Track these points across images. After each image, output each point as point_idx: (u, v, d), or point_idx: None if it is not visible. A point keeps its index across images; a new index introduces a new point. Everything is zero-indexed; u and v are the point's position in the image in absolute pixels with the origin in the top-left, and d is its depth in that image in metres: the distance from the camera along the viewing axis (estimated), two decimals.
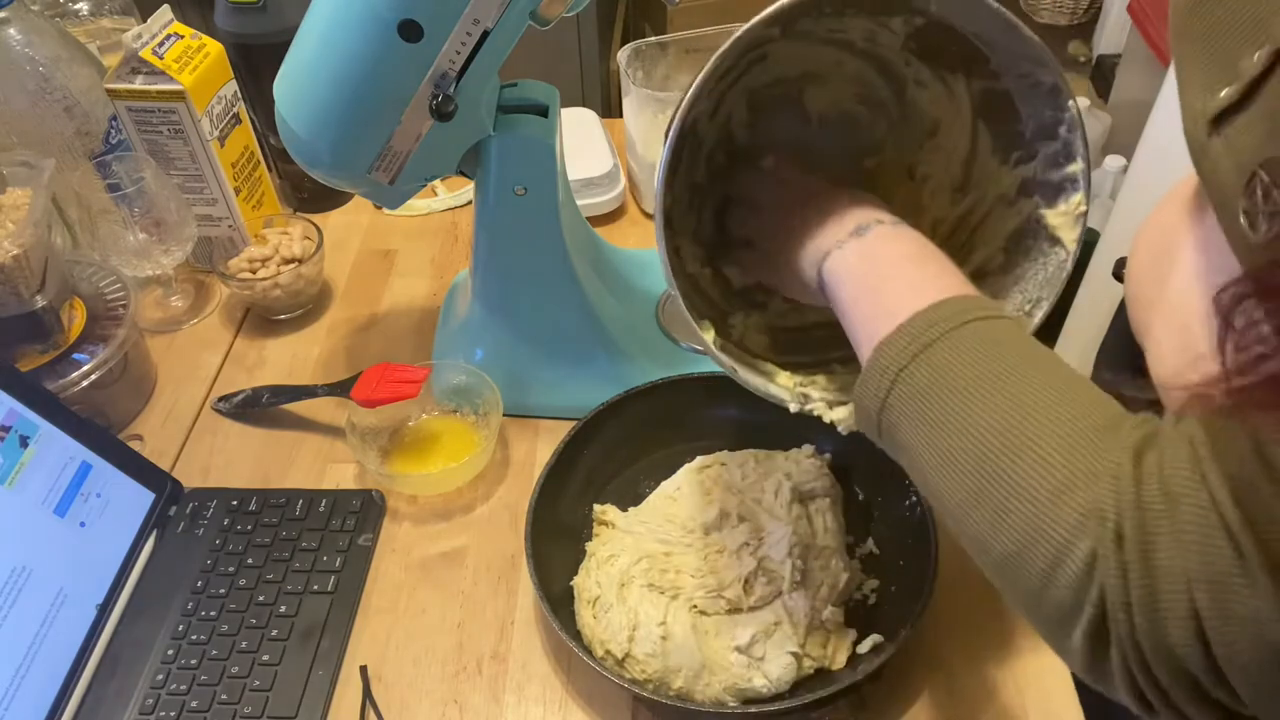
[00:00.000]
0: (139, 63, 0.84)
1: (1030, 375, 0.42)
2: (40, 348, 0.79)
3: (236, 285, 0.90)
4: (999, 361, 0.43)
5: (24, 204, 0.77)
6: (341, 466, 0.80)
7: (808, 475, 0.71)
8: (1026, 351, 0.44)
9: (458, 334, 0.85)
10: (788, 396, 0.60)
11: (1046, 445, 0.39)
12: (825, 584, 0.66)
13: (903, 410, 0.45)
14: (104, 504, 0.70)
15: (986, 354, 0.43)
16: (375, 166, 0.69)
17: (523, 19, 0.63)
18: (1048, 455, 0.39)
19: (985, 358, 0.43)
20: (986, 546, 0.41)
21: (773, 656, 0.62)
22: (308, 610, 0.69)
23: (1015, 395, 0.41)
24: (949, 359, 0.44)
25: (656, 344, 0.86)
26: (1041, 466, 0.39)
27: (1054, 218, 0.57)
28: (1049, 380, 0.42)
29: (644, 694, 0.60)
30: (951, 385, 0.43)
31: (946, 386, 0.43)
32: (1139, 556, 0.35)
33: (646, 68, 1.03)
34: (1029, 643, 0.66)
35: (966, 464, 0.41)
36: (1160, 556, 0.34)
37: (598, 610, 0.65)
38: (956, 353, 0.44)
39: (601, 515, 0.72)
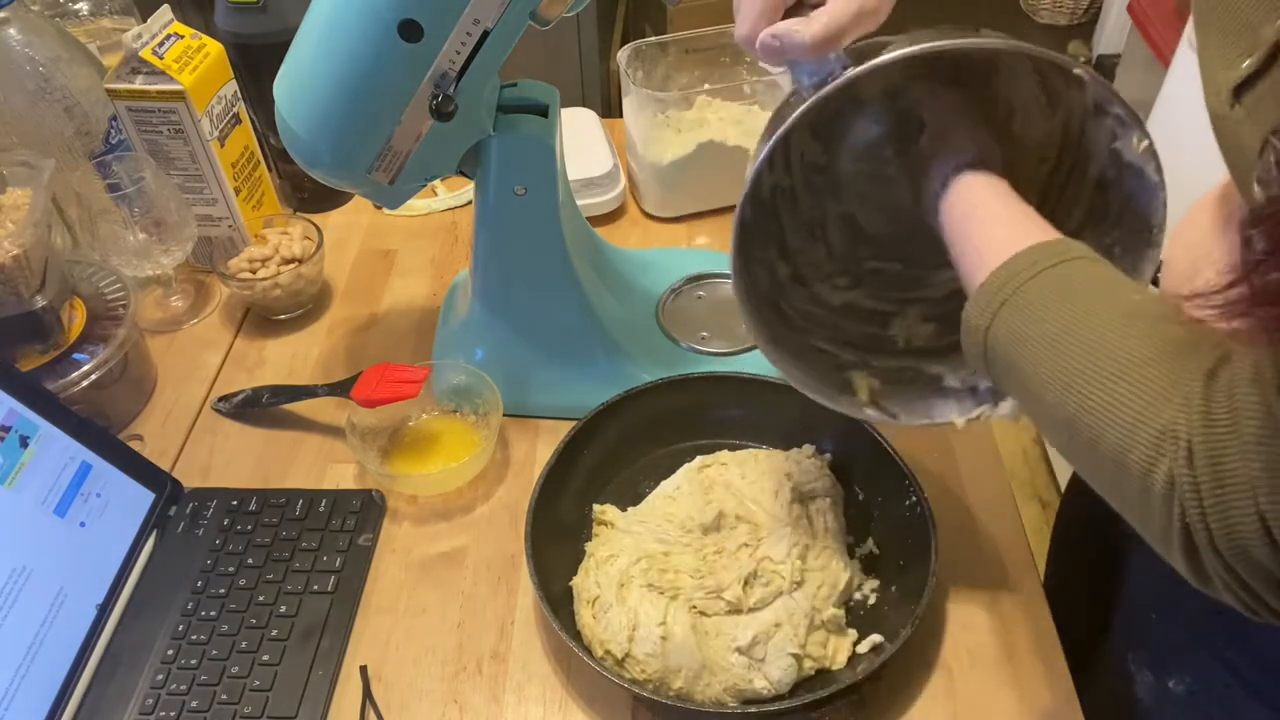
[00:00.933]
0: (139, 63, 0.84)
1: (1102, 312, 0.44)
2: (40, 348, 0.79)
3: (236, 285, 0.90)
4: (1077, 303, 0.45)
5: (24, 204, 0.77)
6: (341, 466, 0.80)
7: (808, 475, 0.71)
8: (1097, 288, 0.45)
9: (458, 334, 0.85)
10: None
11: (1118, 379, 0.41)
12: (826, 584, 0.66)
13: (998, 363, 0.47)
14: (104, 504, 0.70)
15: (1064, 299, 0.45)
16: (375, 166, 0.69)
17: (523, 19, 0.63)
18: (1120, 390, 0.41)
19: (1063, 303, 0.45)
20: (1093, 472, 0.44)
21: (773, 658, 0.62)
22: (308, 610, 0.69)
23: (1087, 336, 0.43)
24: (1026, 313, 0.46)
25: (656, 344, 0.86)
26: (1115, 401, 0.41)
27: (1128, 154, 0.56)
28: (1120, 312, 0.44)
29: (644, 694, 0.60)
30: (1040, 320, 0.45)
31: (1037, 323, 0.45)
32: (1209, 470, 0.37)
33: (646, 68, 1.03)
34: (1029, 643, 0.66)
35: (1054, 408, 0.44)
36: (1229, 468, 0.37)
37: (597, 610, 0.65)
38: (1034, 304, 0.46)
39: (601, 515, 0.72)
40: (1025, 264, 0.46)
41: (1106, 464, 0.42)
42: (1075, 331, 0.44)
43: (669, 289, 0.90)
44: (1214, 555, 0.38)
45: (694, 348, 0.85)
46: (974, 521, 0.73)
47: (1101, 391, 0.41)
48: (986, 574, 0.70)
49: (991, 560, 0.71)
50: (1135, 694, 0.66)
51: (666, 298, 0.89)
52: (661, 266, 0.92)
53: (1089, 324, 0.44)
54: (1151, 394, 0.40)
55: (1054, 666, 0.64)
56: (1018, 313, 0.46)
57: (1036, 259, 0.46)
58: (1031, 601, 0.68)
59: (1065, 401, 0.43)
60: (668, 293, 0.90)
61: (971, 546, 0.72)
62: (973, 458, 0.78)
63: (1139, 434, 0.40)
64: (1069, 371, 0.43)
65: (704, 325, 0.87)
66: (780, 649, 0.62)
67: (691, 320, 0.88)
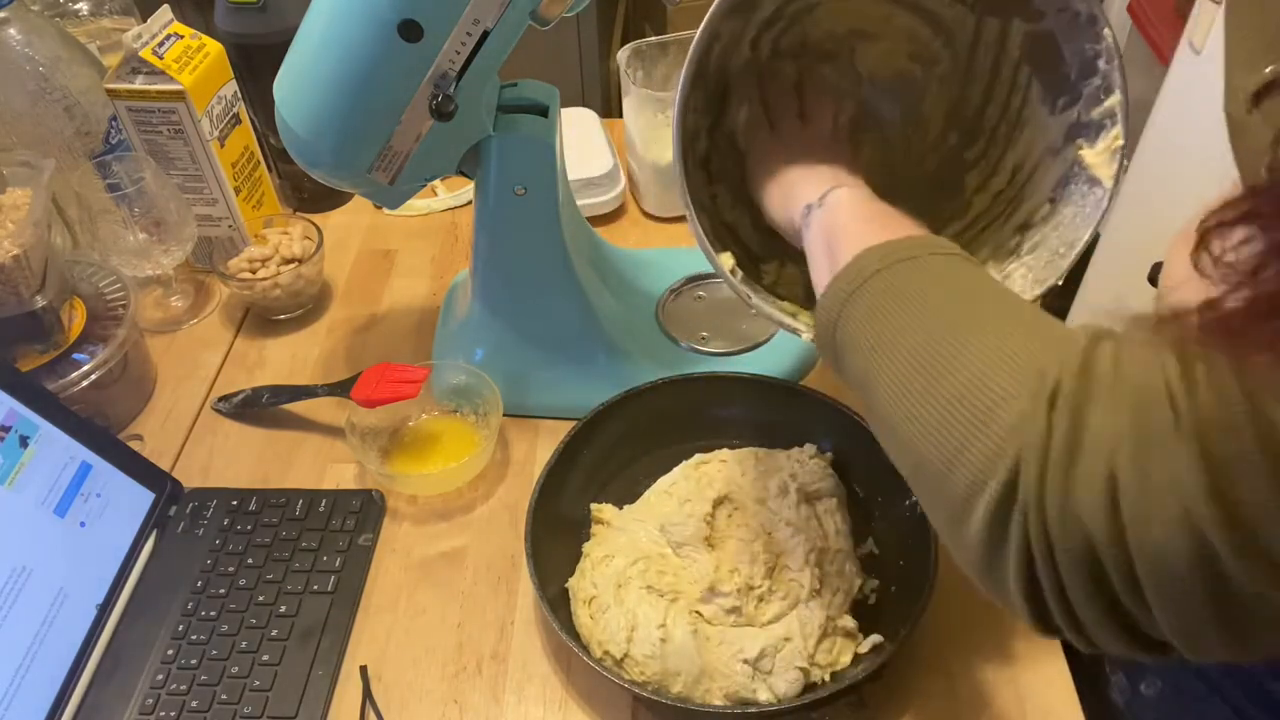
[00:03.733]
0: (139, 63, 0.84)
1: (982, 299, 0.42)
2: (40, 348, 0.79)
3: (236, 285, 0.90)
4: (948, 286, 0.43)
5: (24, 204, 0.77)
6: (341, 466, 0.80)
7: (813, 475, 0.71)
8: (979, 281, 0.44)
9: (458, 334, 0.85)
10: (803, 329, 0.60)
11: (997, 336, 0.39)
12: (841, 590, 0.66)
13: (843, 344, 0.47)
14: (104, 504, 0.70)
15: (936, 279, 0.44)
16: (375, 166, 0.69)
17: (523, 19, 0.63)
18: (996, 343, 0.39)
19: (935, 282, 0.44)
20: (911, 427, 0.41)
21: (781, 670, 0.62)
22: (308, 610, 0.69)
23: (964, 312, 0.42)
24: (898, 282, 0.45)
25: (656, 344, 0.86)
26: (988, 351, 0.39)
27: (1092, 157, 0.56)
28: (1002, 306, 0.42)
29: (644, 694, 0.60)
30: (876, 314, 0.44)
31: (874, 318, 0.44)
32: (1069, 415, 0.34)
33: (646, 68, 1.03)
34: (1029, 643, 0.66)
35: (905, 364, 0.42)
36: (1092, 418, 0.34)
37: (595, 611, 0.65)
38: (905, 278, 0.45)
39: (598, 514, 0.72)
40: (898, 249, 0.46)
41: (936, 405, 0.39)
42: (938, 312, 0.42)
43: (669, 289, 0.90)
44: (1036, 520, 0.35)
45: (694, 348, 0.85)
46: None
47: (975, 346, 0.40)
48: None
49: None
50: (1110, 696, 0.66)
51: (666, 298, 0.89)
52: (661, 266, 0.92)
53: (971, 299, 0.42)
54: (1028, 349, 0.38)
55: (1054, 666, 0.64)
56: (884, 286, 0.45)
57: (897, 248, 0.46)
58: None
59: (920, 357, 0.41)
60: (668, 293, 0.90)
61: None
62: None
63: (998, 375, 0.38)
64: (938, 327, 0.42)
65: (704, 325, 0.87)
66: (789, 662, 0.62)
67: (691, 320, 0.88)
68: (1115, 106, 0.54)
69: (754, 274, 0.65)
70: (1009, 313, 0.41)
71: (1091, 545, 0.33)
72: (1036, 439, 0.35)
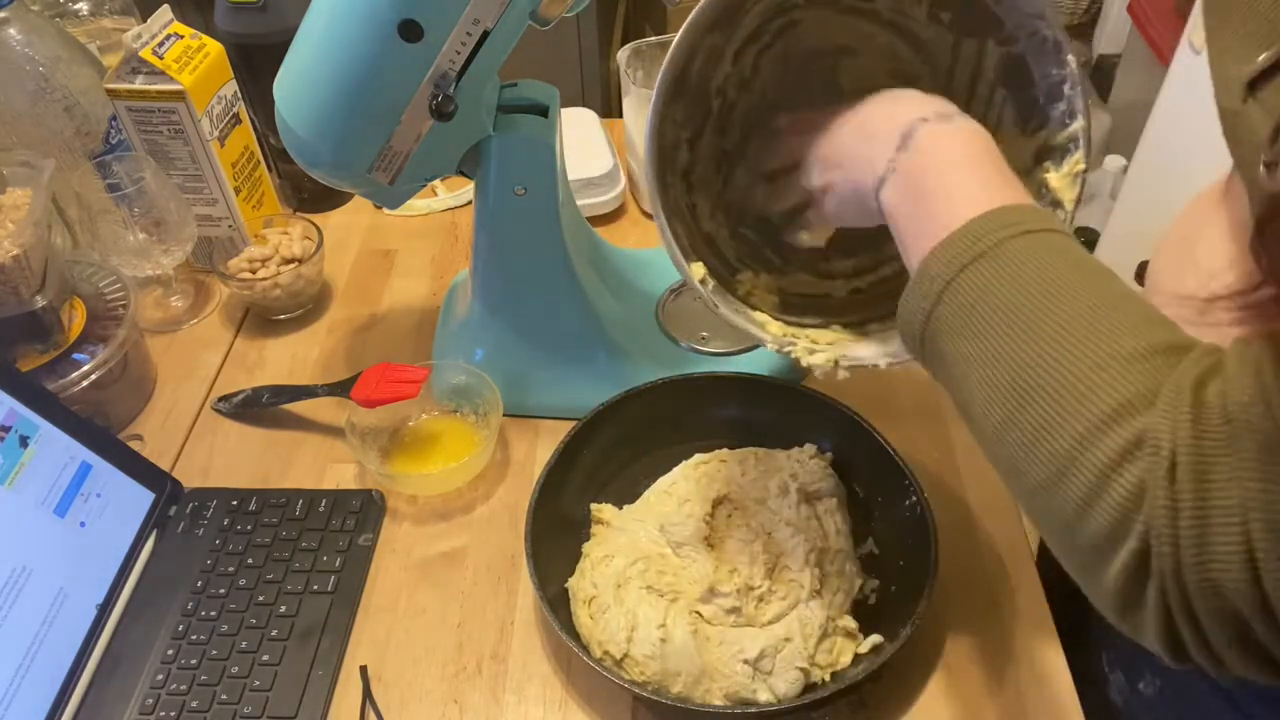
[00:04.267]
0: (139, 63, 0.84)
1: (1084, 293, 0.40)
2: (40, 348, 0.79)
3: (236, 285, 0.90)
4: (1050, 276, 0.40)
5: (24, 204, 0.77)
6: (341, 466, 0.80)
7: (813, 476, 0.71)
8: (1082, 267, 0.41)
9: (458, 334, 0.85)
10: (768, 339, 0.61)
11: (1096, 367, 0.37)
12: (842, 590, 0.66)
13: (947, 323, 0.43)
14: (104, 504, 0.70)
15: (1038, 268, 0.41)
16: (375, 166, 0.69)
17: (523, 19, 0.63)
18: (1097, 378, 0.37)
19: (1036, 271, 0.41)
20: (1020, 472, 0.39)
21: (781, 671, 0.62)
22: (308, 610, 0.69)
23: (1066, 312, 0.39)
24: (997, 272, 0.41)
25: (656, 344, 0.86)
26: (1088, 389, 0.37)
27: (1055, 181, 0.57)
28: (1105, 299, 0.39)
29: (644, 694, 0.60)
30: (998, 299, 0.41)
31: (993, 300, 0.41)
32: (1193, 487, 0.33)
33: (646, 68, 1.03)
34: (1029, 643, 0.66)
35: (1008, 379, 0.39)
36: (1217, 487, 0.33)
37: (594, 611, 0.65)
38: (1005, 265, 0.41)
39: (598, 514, 0.72)
40: (1010, 220, 0.43)
41: (1047, 459, 0.38)
42: (1054, 302, 0.39)
43: (669, 289, 0.90)
44: (1174, 586, 0.34)
45: (694, 348, 0.85)
46: (974, 521, 0.73)
47: (1074, 376, 0.37)
48: (986, 574, 0.70)
49: (991, 560, 0.71)
50: (1109, 695, 0.66)
51: (666, 298, 0.89)
52: (661, 266, 0.92)
53: (1070, 299, 0.39)
54: (1131, 391, 0.36)
55: (1054, 666, 0.64)
56: (994, 267, 0.42)
57: (1022, 219, 0.43)
58: (1031, 601, 0.68)
59: (1021, 379, 0.39)
60: (668, 293, 0.90)
61: (971, 546, 0.72)
62: (973, 458, 0.78)
63: (1107, 436, 0.36)
64: (1039, 343, 0.39)
65: (704, 325, 0.87)
66: (789, 662, 0.62)
67: (691, 320, 0.88)
68: (1078, 131, 0.55)
69: (729, 284, 0.66)
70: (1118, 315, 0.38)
71: (1236, 610, 0.33)
72: (1164, 516, 0.34)
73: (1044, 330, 0.39)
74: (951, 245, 0.43)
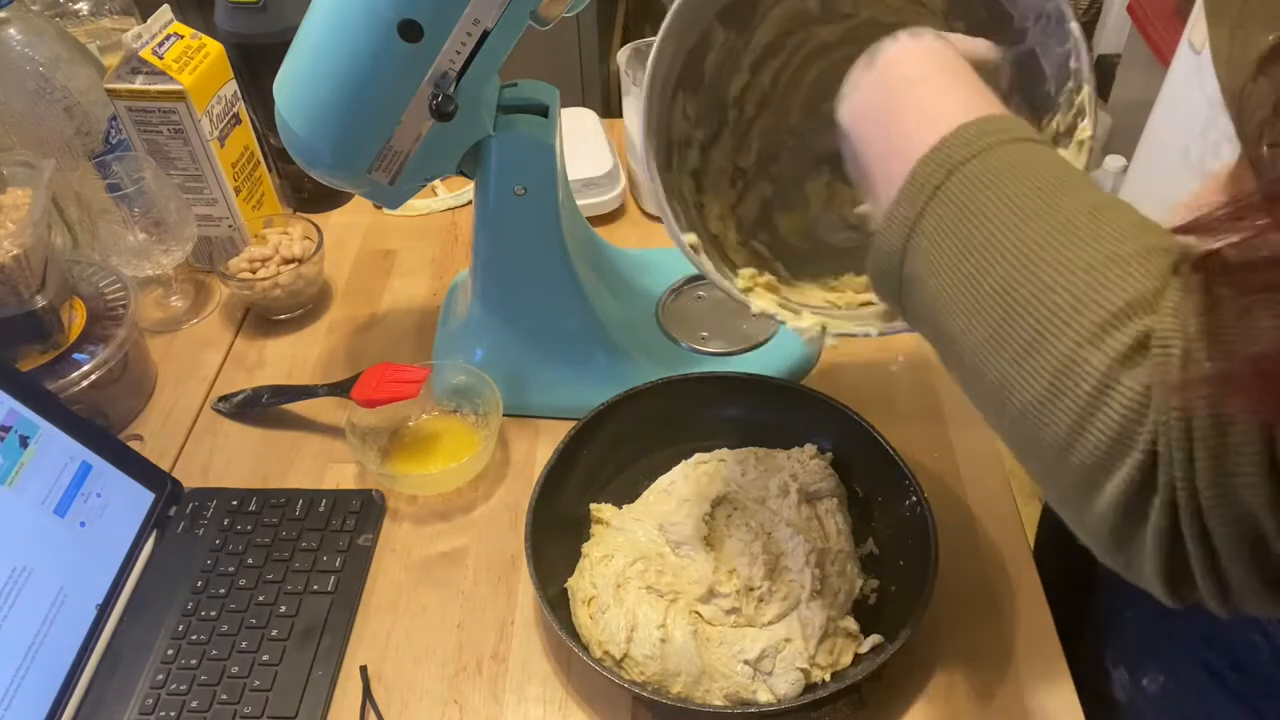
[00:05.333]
0: (139, 63, 0.84)
1: (1072, 198, 0.37)
2: (40, 348, 0.79)
3: (236, 285, 0.90)
4: (1036, 183, 0.38)
5: (24, 204, 0.77)
6: (341, 466, 0.80)
7: (814, 476, 0.71)
8: (1067, 174, 0.39)
9: (458, 334, 0.85)
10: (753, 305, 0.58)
11: (1091, 269, 0.35)
12: (842, 591, 0.66)
13: (929, 240, 0.40)
14: (104, 504, 0.70)
15: (1022, 175, 0.39)
16: (375, 166, 0.69)
17: (523, 19, 0.63)
18: (1093, 280, 0.34)
19: (1021, 179, 0.38)
20: (1008, 393, 0.37)
21: (781, 671, 0.62)
22: (308, 610, 0.69)
23: (1055, 218, 0.37)
24: (981, 181, 0.39)
25: (656, 344, 0.86)
26: (1085, 292, 0.34)
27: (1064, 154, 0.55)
28: (1094, 203, 0.37)
29: (644, 694, 0.60)
30: (982, 208, 0.38)
31: (978, 210, 0.38)
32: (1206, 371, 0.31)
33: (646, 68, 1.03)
34: (1029, 643, 0.66)
35: (993, 295, 0.37)
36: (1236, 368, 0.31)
37: (594, 611, 0.65)
38: (989, 174, 0.39)
39: (597, 514, 0.72)
40: (997, 127, 0.41)
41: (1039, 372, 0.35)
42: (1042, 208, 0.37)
43: (669, 289, 0.90)
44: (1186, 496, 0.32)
45: (694, 348, 0.85)
46: (974, 521, 0.73)
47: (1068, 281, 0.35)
48: (986, 574, 0.70)
49: (991, 560, 0.71)
50: (1112, 692, 0.66)
51: (666, 298, 0.89)
52: (661, 266, 0.92)
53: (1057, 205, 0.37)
54: (1132, 292, 0.33)
55: (1054, 666, 0.64)
56: (978, 177, 0.39)
57: (1008, 127, 0.41)
58: (1031, 601, 0.68)
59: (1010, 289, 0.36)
60: (668, 293, 0.90)
61: (971, 546, 0.72)
62: (973, 458, 0.78)
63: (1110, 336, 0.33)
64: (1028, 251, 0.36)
65: (704, 325, 0.87)
66: (789, 663, 0.62)
67: (691, 320, 0.88)
68: (1085, 101, 0.54)
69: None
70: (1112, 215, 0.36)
71: (1253, 517, 0.31)
72: (1176, 419, 0.31)
73: (1033, 237, 0.37)
74: (931, 160, 0.41)
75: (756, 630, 0.63)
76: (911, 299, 0.43)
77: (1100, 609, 0.69)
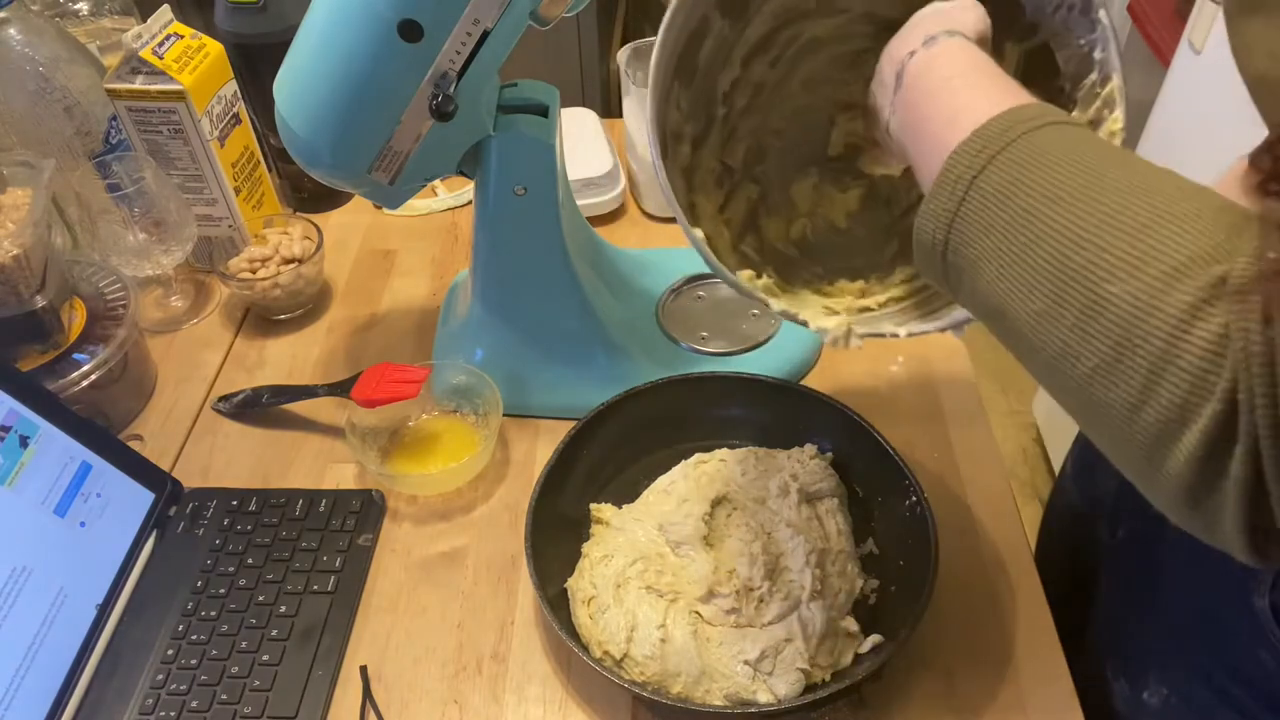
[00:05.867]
0: (139, 63, 0.84)
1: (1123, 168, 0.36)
2: (40, 348, 0.79)
3: (236, 285, 0.90)
4: (1085, 158, 0.38)
5: (24, 204, 0.77)
6: (341, 466, 0.80)
7: (814, 476, 0.71)
8: (1113, 149, 0.39)
9: (458, 334, 0.85)
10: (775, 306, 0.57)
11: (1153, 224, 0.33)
12: (843, 591, 0.66)
13: (975, 220, 0.40)
14: (104, 504, 0.70)
15: (1070, 152, 0.38)
16: (375, 166, 0.69)
17: (523, 19, 0.63)
18: (1157, 235, 0.33)
19: (1068, 155, 0.38)
20: (1071, 361, 0.35)
21: (781, 672, 0.62)
22: (308, 610, 0.69)
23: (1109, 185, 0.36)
24: (1027, 160, 0.39)
25: (656, 344, 0.86)
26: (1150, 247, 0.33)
27: None
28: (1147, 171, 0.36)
29: (644, 694, 0.60)
30: (1032, 184, 0.38)
31: (1027, 185, 0.38)
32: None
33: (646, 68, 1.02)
34: (1029, 643, 0.66)
35: (1047, 265, 0.36)
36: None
37: (594, 611, 0.65)
38: (1035, 153, 0.39)
39: (597, 514, 0.72)
40: (1030, 115, 0.40)
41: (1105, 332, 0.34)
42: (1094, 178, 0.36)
43: (669, 289, 0.90)
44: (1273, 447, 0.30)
45: (694, 348, 0.85)
46: (974, 521, 0.73)
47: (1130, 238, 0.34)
48: (986, 574, 0.70)
49: (991, 560, 0.71)
50: (1112, 704, 0.66)
51: (666, 298, 0.89)
52: (661, 266, 0.92)
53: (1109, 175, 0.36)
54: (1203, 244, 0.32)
55: (1054, 666, 0.64)
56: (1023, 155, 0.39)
57: (1041, 113, 0.41)
58: (1031, 601, 0.68)
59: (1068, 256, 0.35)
60: (668, 293, 0.90)
61: (971, 546, 0.72)
62: (973, 458, 0.78)
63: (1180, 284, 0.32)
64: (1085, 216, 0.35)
65: (704, 325, 0.87)
66: (790, 663, 0.62)
67: (691, 320, 0.88)
68: (1114, 92, 0.53)
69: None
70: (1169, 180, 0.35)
71: None
72: (1259, 360, 0.30)
73: (1088, 204, 0.36)
74: (973, 142, 0.41)
75: (756, 630, 0.63)
76: (960, 285, 0.42)
77: (1101, 621, 0.69)
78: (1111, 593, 0.69)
